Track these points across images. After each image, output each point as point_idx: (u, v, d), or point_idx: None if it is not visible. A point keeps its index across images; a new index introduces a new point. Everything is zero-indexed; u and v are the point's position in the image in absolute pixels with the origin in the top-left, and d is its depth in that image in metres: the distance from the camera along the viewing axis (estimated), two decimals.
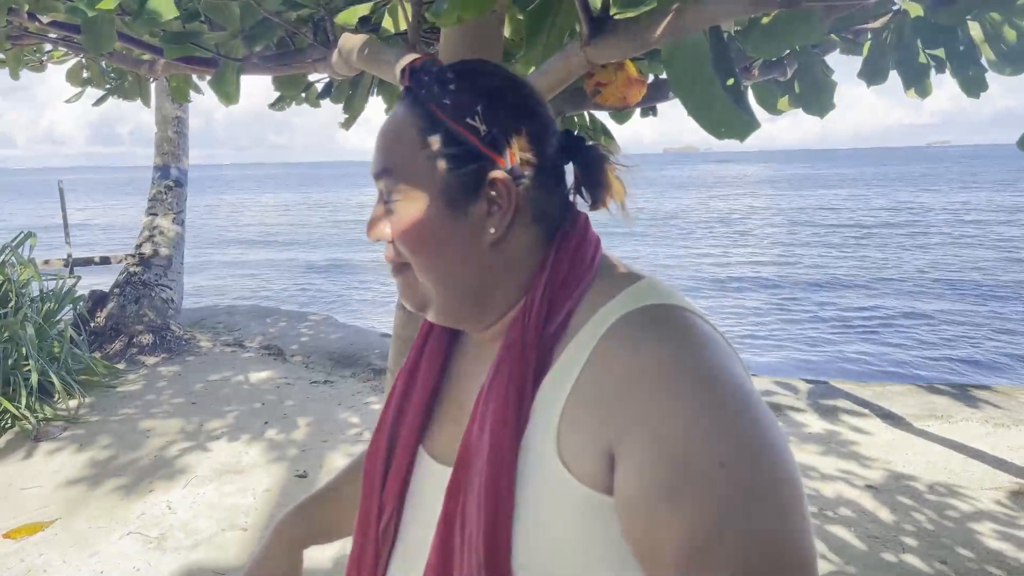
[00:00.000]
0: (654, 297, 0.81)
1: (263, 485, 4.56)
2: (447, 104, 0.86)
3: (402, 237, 0.88)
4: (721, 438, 0.68)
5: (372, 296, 15.95)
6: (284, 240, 27.91)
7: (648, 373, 0.73)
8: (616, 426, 0.73)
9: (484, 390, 0.85)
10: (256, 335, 8.71)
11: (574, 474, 0.75)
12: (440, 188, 0.86)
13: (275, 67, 2.66)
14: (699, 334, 0.76)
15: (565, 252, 0.88)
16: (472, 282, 0.88)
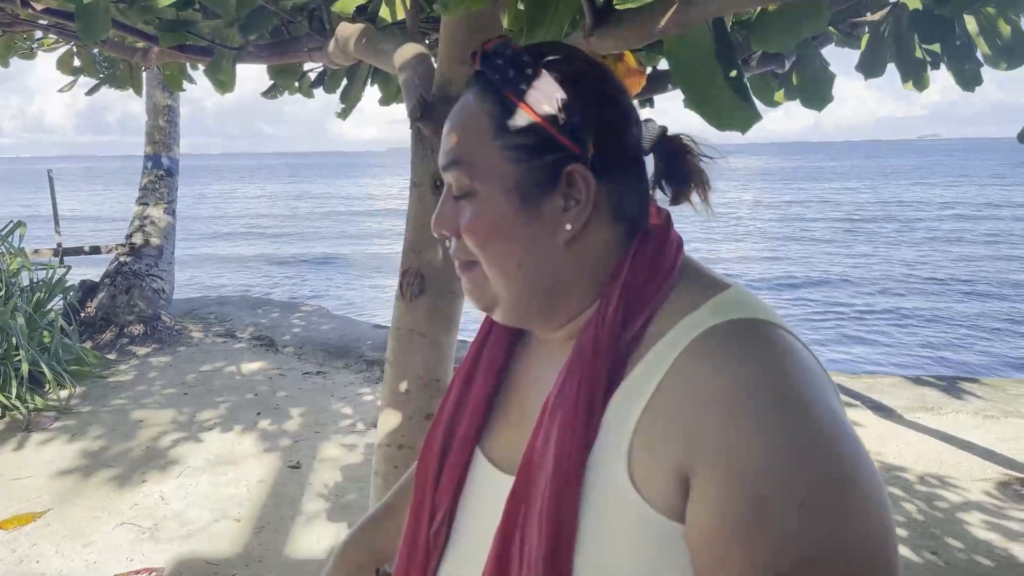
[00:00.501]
0: (741, 310, 0.74)
1: (256, 476, 4.55)
2: (523, 90, 0.81)
3: (471, 233, 0.83)
4: (803, 475, 0.62)
5: (364, 287, 15.92)
6: (274, 232, 27.81)
7: (729, 396, 0.67)
8: (692, 450, 0.67)
9: (552, 398, 0.79)
10: (248, 326, 8.69)
11: (645, 497, 0.70)
12: (514, 181, 0.81)
13: (271, 56, 2.64)
14: (789, 354, 0.70)
15: (645, 253, 0.82)
16: (544, 282, 0.83)
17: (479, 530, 0.85)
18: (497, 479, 0.86)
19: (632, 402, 0.73)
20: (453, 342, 1.88)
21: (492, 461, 0.89)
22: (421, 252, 1.80)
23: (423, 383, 1.84)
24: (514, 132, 0.81)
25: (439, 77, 1.77)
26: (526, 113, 0.80)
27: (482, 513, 0.86)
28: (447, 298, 1.82)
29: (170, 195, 8.83)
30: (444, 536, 0.90)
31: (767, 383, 0.66)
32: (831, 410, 0.66)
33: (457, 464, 0.91)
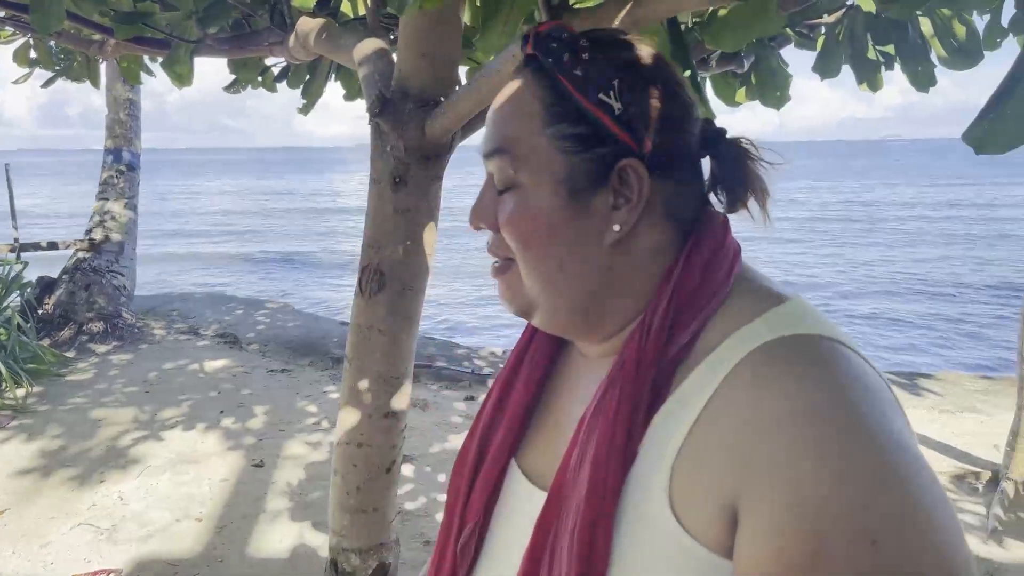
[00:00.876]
0: (801, 325, 0.68)
1: (219, 475, 4.50)
2: (578, 76, 0.75)
3: (512, 227, 0.77)
4: (870, 508, 0.55)
5: (330, 285, 15.81)
6: (239, 229, 27.49)
7: (786, 419, 0.60)
8: (743, 478, 0.61)
9: (589, 412, 0.73)
10: (211, 323, 8.59)
11: (687, 528, 0.64)
12: (563, 173, 0.75)
13: (230, 50, 2.61)
14: (852, 375, 0.63)
15: (698, 259, 0.75)
16: (587, 286, 0.77)
17: (510, 544, 0.80)
18: (531, 493, 0.81)
19: (676, 422, 0.67)
20: (413, 339, 1.87)
21: (527, 474, 0.84)
22: (381, 248, 1.79)
23: (383, 380, 1.83)
24: (567, 121, 0.75)
25: (398, 73, 1.76)
26: (581, 102, 0.74)
27: (514, 527, 0.81)
28: (407, 295, 1.82)
29: (131, 190, 8.69)
30: (474, 549, 0.85)
31: (828, 407, 0.60)
32: (899, 436, 0.60)
33: (490, 475, 0.86)
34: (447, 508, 0.90)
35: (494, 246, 0.82)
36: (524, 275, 0.78)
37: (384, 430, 1.87)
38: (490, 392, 0.93)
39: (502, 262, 0.82)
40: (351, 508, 1.89)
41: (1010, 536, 3.70)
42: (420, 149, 1.74)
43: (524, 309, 0.81)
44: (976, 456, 4.73)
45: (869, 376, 0.64)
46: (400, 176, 1.76)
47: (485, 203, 0.81)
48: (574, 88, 0.75)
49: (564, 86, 0.75)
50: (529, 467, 0.84)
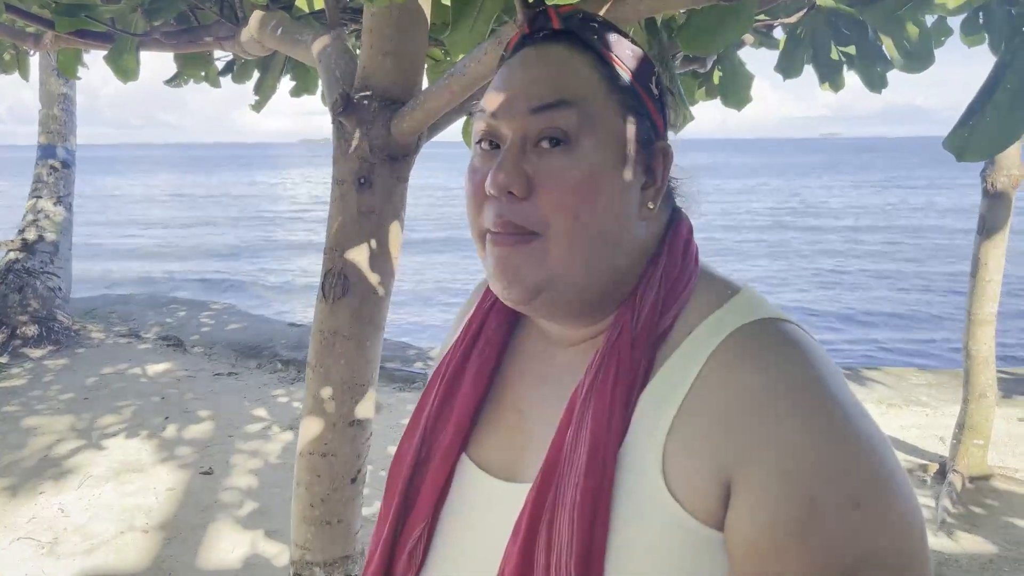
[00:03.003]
0: (761, 310, 0.73)
1: (165, 484, 4.35)
2: (629, 57, 0.78)
3: (566, 187, 0.73)
4: (855, 475, 0.62)
5: (276, 283, 15.51)
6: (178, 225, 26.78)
7: (775, 397, 0.65)
8: (736, 453, 0.65)
9: (582, 391, 0.74)
10: (153, 325, 8.33)
11: (681, 501, 0.66)
12: (622, 140, 0.75)
13: (178, 44, 2.51)
14: (816, 353, 0.69)
15: (678, 245, 0.79)
16: (617, 261, 0.77)
17: (471, 540, 0.79)
18: (491, 486, 0.80)
19: (664, 400, 0.70)
20: (379, 345, 1.82)
21: (483, 467, 0.82)
22: (344, 252, 1.73)
23: (347, 388, 1.77)
24: (627, 94, 0.77)
25: (362, 70, 1.70)
26: (632, 81, 0.77)
27: (474, 523, 0.80)
28: (372, 299, 1.76)
29: (66, 188, 8.36)
30: (423, 551, 0.82)
31: (807, 382, 0.66)
32: (863, 409, 0.67)
33: (439, 474, 0.83)
34: (381, 514, 0.86)
35: (516, 214, 0.74)
36: (560, 245, 0.74)
37: (349, 439, 1.81)
38: (430, 391, 0.90)
39: (525, 234, 0.75)
40: (315, 520, 1.82)
41: (959, 528, 3.80)
42: (386, 149, 1.69)
43: (537, 288, 0.75)
44: (923, 449, 4.86)
45: (820, 352, 0.70)
46: (365, 177, 1.70)
47: (517, 163, 0.75)
48: (625, 68, 0.78)
49: (612, 60, 0.77)
50: (485, 459, 0.82)
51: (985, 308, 4.14)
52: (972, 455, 4.30)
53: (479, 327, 0.90)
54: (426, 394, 0.91)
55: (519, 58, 0.80)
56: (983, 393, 4.26)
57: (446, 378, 0.89)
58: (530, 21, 0.81)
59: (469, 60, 1.42)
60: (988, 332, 4.18)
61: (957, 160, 1.37)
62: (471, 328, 0.91)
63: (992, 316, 4.15)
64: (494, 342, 0.89)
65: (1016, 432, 5.07)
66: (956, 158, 1.35)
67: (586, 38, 0.78)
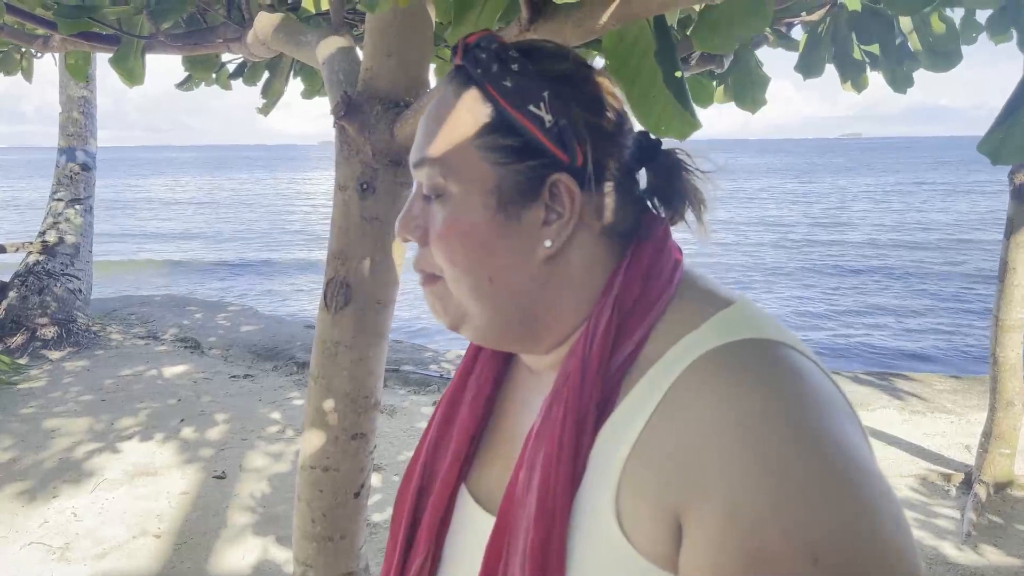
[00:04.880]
0: (748, 329, 0.66)
1: (178, 488, 4.33)
2: (508, 87, 0.73)
3: (441, 241, 0.74)
4: (811, 524, 0.53)
5: (295, 285, 15.56)
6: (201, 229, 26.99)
7: (728, 428, 0.58)
8: (686, 490, 0.59)
9: (535, 429, 0.71)
10: (171, 327, 8.36)
11: (635, 544, 0.62)
12: (492, 186, 0.73)
13: (184, 46, 2.47)
14: (800, 380, 0.61)
15: (637, 268, 0.74)
16: (519, 301, 0.75)
17: (464, 574, 0.76)
18: (481, 519, 0.77)
19: (622, 434, 0.65)
20: (383, 356, 1.76)
21: (478, 499, 0.80)
22: (347, 260, 1.68)
23: (350, 400, 1.72)
24: (497, 132, 0.73)
25: (364, 72, 1.65)
26: (510, 113, 0.73)
27: (468, 557, 0.77)
28: (375, 308, 1.71)
29: (87, 191, 8.41)
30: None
31: (774, 414, 0.58)
32: (849, 445, 0.58)
33: (439, 503, 0.81)
34: (390, 539, 0.85)
35: (421, 260, 0.78)
36: (453, 289, 0.76)
37: (352, 453, 1.75)
38: (435, 412, 0.89)
39: (430, 276, 0.78)
40: (317, 536, 1.77)
41: (984, 541, 3.69)
42: (389, 153, 1.63)
43: (455, 322, 0.78)
44: (948, 458, 4.74)
45: (817, 380, 0.62)
46: (368, 182, 1.65)
47: (414, 213, 0.78)
48: (503, 99, 0.73)
49: (494, 97, 0.74)
50: (481, 491, 0.80)
51: (1013, 313, 4.02)
52: (999, 464, 4.17)
53: (475, 355, 0.88)
54: (433, 416, 0.89)
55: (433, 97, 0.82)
56: (1011, 401, 4.14)
57: (444, 408, 0.87)
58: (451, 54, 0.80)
59: None
60: (1016, 338, 4.06)
61: (992, 164, 1.30)
62: (468, 355, 0.90)
63: (1021, 321, 4.03)
64: (490, 369, 0.86)
65: None
66: (991, 162, 1.28)
67: (471, 73, 0.75)
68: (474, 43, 0.76)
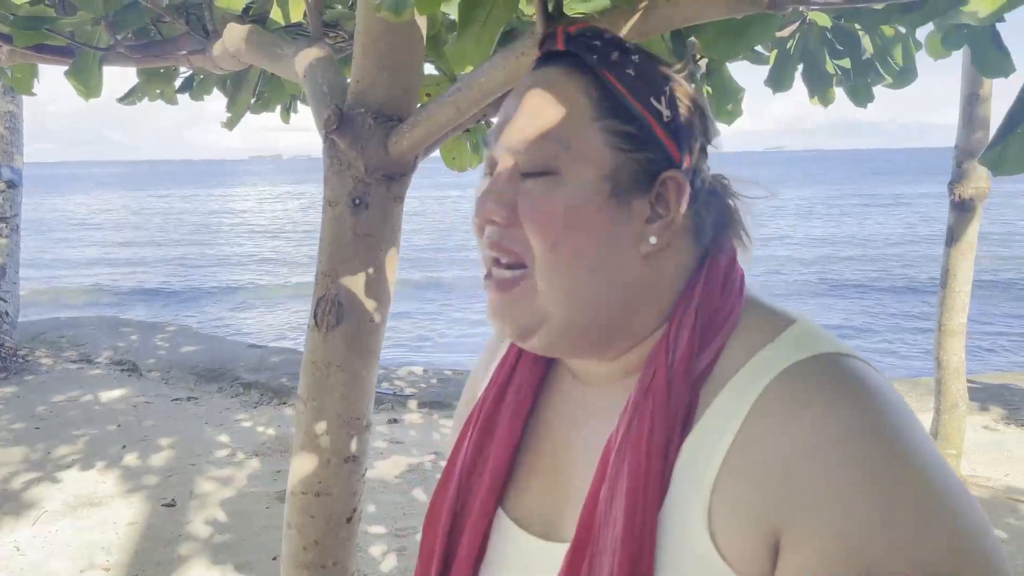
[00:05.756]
0: (816, 345, 0.66)
1: (126, 518, 4.15)
2: (631, 75, 0.72)
3: (545, 219, 0.70)
4: (923, 543, 0.54)
5: (234, 303, 15.17)
6: (129, 244, 26.10)
7: (831, 445, 0.58)
8: (786, 508, 0.58)
9: (616, 441, 0.68)
10: (104, 349, 8.04)
11: (728, 560, 0.61)
12: (609, 170, 0.71)
13: (145, 58, 2.38)
14: (876, 392, 0.62)
15: (716, 278, 0.73)
16: (610, 299, 0.71)
17: None
18: (526, 544, 0.75)
19: (707, 451, 0.64)
20: (374, 375, 1.72)
21: (519, 523, 0.77)
22: (338, 277, 1.63)
23: (343, 422, 1.67)
24: (617, 118, 0.71)
25: (355, 85, 1.61)
26: (631, 102, 0.71)
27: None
28: (368, 327, 1.66)
29: (13, 209, 8.03)
30: None
31: (866, 432, 0.58)
32: (941, 459, 0.59)
33: (477, 531, 0.78)
34: (421, 562, 0.81)
35: (504, 242, 0.72)
36: (544, 280, 0.71)
37: (345, 476, 1.70)
38: (463, 439, 0.84)
39: (511, 270, 0.72)
40: (309, 564, 1.70)
41: None
42: (382, 168, 1.59)
43: (529, 328, 0.73)
44: None
45: (888, 389, 0.63)
46: (360, 198, 1.60)
47: (503, 192, 0.72)
48: (624, 87, 0.72)
49: (612, 84, 0.72)
50: (521, 513, 0.77)
51: (955, 319, 4.18)
52: None
53: (512, 367, 0.84)
54: (459, 443, 0.85)
55: (524, 82, 0.77)
56: (955, 403, 4.30)
57: (479, 425, 0.83)
58: (540, 43, 0.78)
59: (479, 74, 1.35)
60: (958, 342, 4.23)
61: (994, 175, 1.34)
62: (504, 368, 0.85)
63: (962, 326, 4.19)
64: (529, 383, 0.83)
65: (984, 440, 5.13)
66: (993, 173, 1.32)
67: (586, 59, 0.73)
68: (580, 32, 0.75)
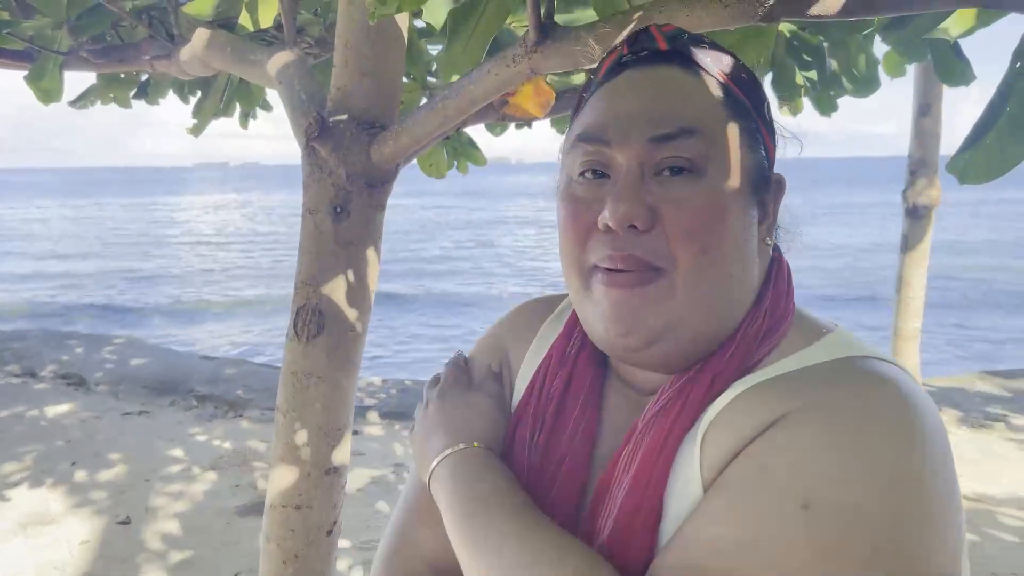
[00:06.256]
0: (859, 349, 0.68)
1: (79, 535, 4.01)
2: (745, 79, 0.74)
3: (697, 224, 0.67)
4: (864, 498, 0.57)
5: (182, 311, 14.84)
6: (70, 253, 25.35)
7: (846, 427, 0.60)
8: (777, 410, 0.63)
9: (641, 421, 0.71)
10: (50, 362, 7.78)
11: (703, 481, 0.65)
12: (749, 169, 0.71)
13: (108, 63, 2.32)
14: (921, 402, 0.63)
15: (781, 283, 0.75)
16: (741, 303, 0.72)
17: None
18: None
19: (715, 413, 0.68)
20: (355, 385, 1.70)
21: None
22: (319, 286, 1.61)
23: (323, 433, 1.64)
24: (744, 119, 0.72)
25: (336, 92, 1.59)
26: (747, 104, 0.73)
27: None
28: (349, 337, 1.64)
29: None
30: None
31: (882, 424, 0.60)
32: (945, 471, 0.61)
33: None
34: None
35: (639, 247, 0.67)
36: (687, 283, 0.68)
37: (325, 488, 1.67)
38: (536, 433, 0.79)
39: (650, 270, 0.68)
40: None
41: None
42: (364, 175, 1.58)
43: (658, 333, 0.69)
44: None
45: (920, 398, 0.63)
46: (341, 206, 1.58)
47: (640, 194, 0.68)
48: (742, 91, 0.73)
49: (734, 90, 0.72)
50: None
51: (909, 324, 4.30)
52: None
53: (571, 368, 0.81)
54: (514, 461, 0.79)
55: (624, 81, 0.74)
56: None
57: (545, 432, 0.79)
58: (631, 42, 0.76)
59: (468, 82, 1.34)
60: (913, 347, 4.34)
61: (960, 183, 1.38)
62: (561, 373, 0.81)
63: (916, 331, 4.31)
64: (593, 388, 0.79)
65: None
66: (959, 181, 1.36)
67: (701, 61, 0.73)
68: (677, 32, 0.75)
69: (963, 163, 1.37)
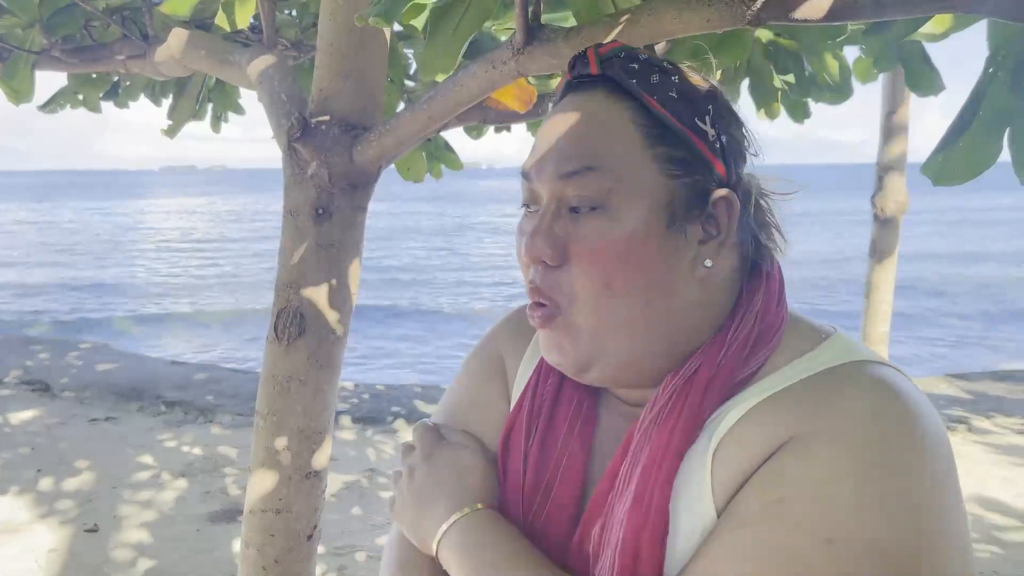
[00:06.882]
0: (860, 354, 0.68)
1: (46, 544, 3.93)
2: (674, 98, 0.70)
3: (598, 258, 0.68)
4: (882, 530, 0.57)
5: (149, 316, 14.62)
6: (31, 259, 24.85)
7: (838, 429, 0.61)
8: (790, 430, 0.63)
9: (639, 427, 0.70)
10: (13, 368, 7.62)
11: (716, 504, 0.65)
12: (666, 199, 0.69)
13: (81, 62, 2.29)
14: (920, 406, 0.64)
15: (772, 289, 0.74)
16: (669, 327, 0.71)
17: None
18: None
19: (724, 427, 0.67)
20: (336, 388, 1.68)
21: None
22: (300, 288, 1.59)
23: (304, 437, 1.62)
24: (667, 144, 0.70)
25: (318, 93, 1.58)
26: (677, 126, 0.70)
27: None
28: (330, 339, 1.63)
29: None
30: None
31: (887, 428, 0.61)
32: (949, 478, 0.62)
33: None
34: None
35: (548, 286, 0.71)
36: (588, 319, 0.70)
37: (305, 492, 1.65)
38: (527, 453, 0.78)
39: (556, 306, 0.71)
40: None
41: None
42: (347, 177, 1.57)
43: (586, 363, 0.72)
44: None
45: (925, 406, 0.64)
46: (324, 207, 1.57)
47: (551, 231, 0.70)
48: (667, 110, 0.70)
49: (657, 109, 0.70)
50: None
51: (878, 328, 4.37)
52: None
53: (558, 384, 0.80)
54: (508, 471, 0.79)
55: (558, 109, 0.75)
56: None
57: (533, 450, 0.78)
58: (571, 66, 0.76)
59: (453, 84, 1.34)
60: (882, 351, 4.41)
61: (934, 184, 1.40)
62: (549, 389, 0.81)
63: (885, 335, 4.38)
64: (588, 405, 0.79)
65: None
66: (933, 183, 1.38)
67: (625, 84, 0.72)
68: (612, 53, 0.73)
69: (937, 165, 1.39)
